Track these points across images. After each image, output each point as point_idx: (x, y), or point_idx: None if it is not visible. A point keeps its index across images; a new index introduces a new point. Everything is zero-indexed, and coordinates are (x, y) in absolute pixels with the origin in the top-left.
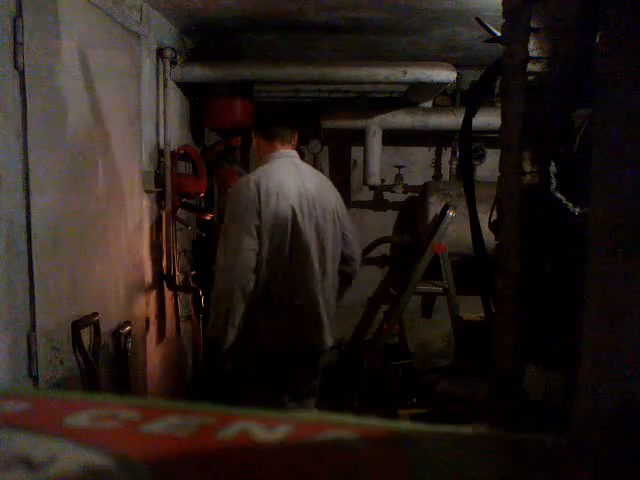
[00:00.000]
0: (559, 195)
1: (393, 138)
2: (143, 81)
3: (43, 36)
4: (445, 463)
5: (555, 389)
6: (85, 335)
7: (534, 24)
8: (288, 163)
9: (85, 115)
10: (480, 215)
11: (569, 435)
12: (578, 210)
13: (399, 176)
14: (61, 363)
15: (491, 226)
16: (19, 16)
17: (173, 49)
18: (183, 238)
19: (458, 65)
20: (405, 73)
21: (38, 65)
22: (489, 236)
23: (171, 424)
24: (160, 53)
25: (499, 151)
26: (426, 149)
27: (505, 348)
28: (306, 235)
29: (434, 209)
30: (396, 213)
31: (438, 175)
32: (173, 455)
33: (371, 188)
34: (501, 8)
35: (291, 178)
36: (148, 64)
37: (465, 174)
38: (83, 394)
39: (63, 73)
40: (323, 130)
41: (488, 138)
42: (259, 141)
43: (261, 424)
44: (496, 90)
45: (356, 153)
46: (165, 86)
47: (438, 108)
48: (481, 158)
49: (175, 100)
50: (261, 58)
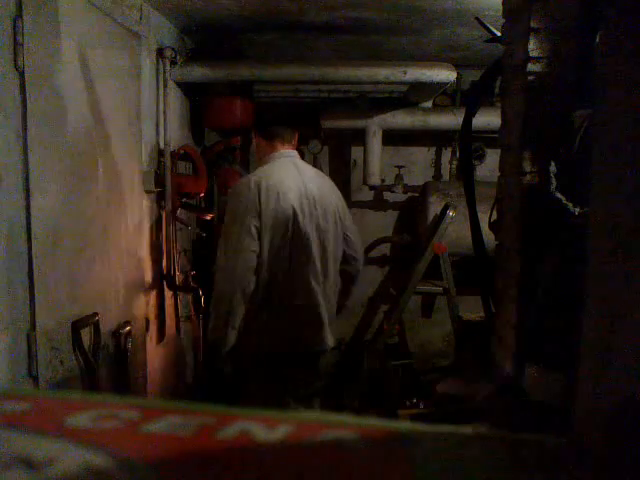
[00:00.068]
0: (559, 195)
1: (393, 138)
2: (143, 81)
3: (43, 36)
4: (445, 463)
5: (555, 389)
6: (85, 335)
7: (534, 24)
8: (289, 163)
9: (85, 115)
10: (480, 215)
11: (569, 435)
12: (578, 210)
13: (399, 176)
14: (61, 363)
15: (491, 226)
16: (19, 16)
17: (173, 49)
18: (183, 238)
19: (458, 65)
20: (405, 73)
21: (38, 65)
22: (489, 236)
23: (171, 424)
24: (160, 53)
25: (499, 151)
26: (426, 149)
27: (505, 348)
28: (307, 235)
29: (434, 209)
30: (396, 213)
31: (438, 175)
32: (173, 455)
33: (371, 188)
34: (501, 8)
35: (292, 178)
36: (148, 64)
37: (465, 174)
38: (83, 394)
39: (63, 73)
40: (323, 130)
41: (488, 138)
42: (259, 141)
43: (261, 424)
44: (496, 90)
45: (356, 153)
46: (165, 86)
47: (438, 108)
48: (481, 158)
49: (175, 100)
50: (261, 58)
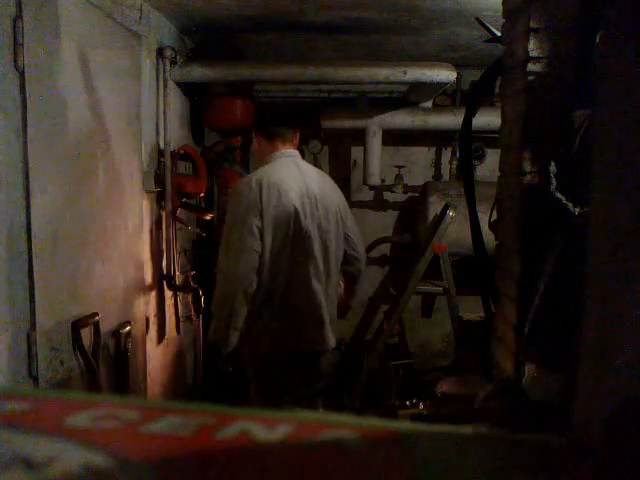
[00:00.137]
0: (559, 195)
1: (393, 138)
2: (143, 81)
3: (43, 36)
4: (445, 463)
5: (555, 389)
6: (85, 335)
7: (534, 24)
8: (290, 163)
9: (85, 115)
10: (480, 215)
11: (569, 435)
12: (578, 210)
13: (399, 176)
14: (61, 363)
15: (491, 226)
16: (19, 16)
17: (173, 49)
18: (183, 238)
19: (458, 65)
20: (405, 73)
21: (38, 65)
22: (489, 236)
23: (171, 424)
24: (160, 53)
25: (499, 151)
26: (426, 149)
27: (505, 348)
28: (309, 235)
29: (434, 209)
30: (396, 213)
31: (438, 175)
32: (173, 455)
33: (371, 188)
34: (501, 8)
35: (293, 178)
36: (148, 64)
37: (465, 174)
38: (83, 394)
39: (63, 73)
40: (323, 130)
41: (488, 138)
42: (260, 141)
43: (261, 424)
44: (496, 90)
45: (356, 153)
46: (165, 86)
47: (438, 108)
48: (481, 158)
49: (175, 100)
50: (261, 58)
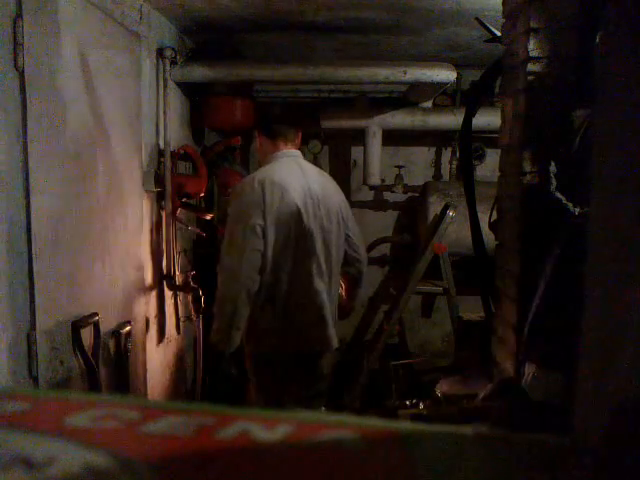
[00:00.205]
0: (559, 195)
1: (393, 138)
2: (143, 81)
3: (43, 36)
4: (445, 463)
5: (555, 389)
6: (85, 335)
7: (534, 24)
8: (292, 163)
9: (85, 115)
10: (480, 215)
11: (569, 435)
12: (578, 210)
13: (399, 176)
14: (61, 363)
15: (491, 226)
16: (19, 16)
17: (173, 49)
18: (183, 238)
19: (458, 65)
20: (405, 73)
21: (38, 65)
22: (489, 236)
23: (171, 424)
24: (160, 53)
25: (499, 151)
26: (426, 149)
27: (505, 348)
28: (311, 235)
29: (434, 209)
30: (396, 213)
31: (438, 175)
32: (173, 455)
33: (371, 188)
34: (501, 8)
35: (295, 178)
36: (148, 64)
37: (465, 174)
38: (83, 394)
39: (63, 73)
40: (323, 130)
41: (488, 138)
42: (262, 140)
43: (261, 424)
44: (496, 90)
45: (356, 153)
46: (165, 86)
47: (438, 108)
48: (481, 158)
49: (175, 100)
50: (261, 58)
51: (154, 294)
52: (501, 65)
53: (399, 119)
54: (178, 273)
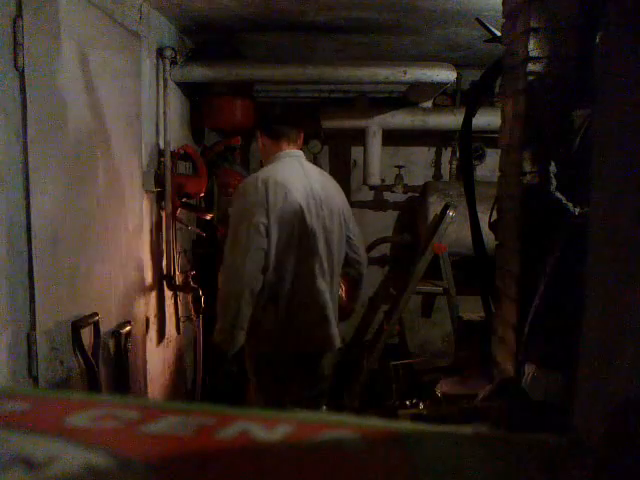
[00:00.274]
0: (559, 195)
1: (393, 138)
2: (143, 81)
3: (43, 36)
4: (445, 463)
5: (555, 389)
6: (85, 335)
7: (534, 24)
8: (294, 163)
9: (85, 115)
10: (480, 215)
11: (569, 435)
12: (578, 210)
13: (399, 176)
14: (61, 363)
15: (491, 226)
16: (19, 16)
17: (173, 49)
18: (183, 238)
19: (458, 65)
20: (405, 73)
21: (38, 65)
22: (489, 236)
23: (171, 424)
24: (160, 53)
25: (499, 151)
26: (426, 149)
27: (505, 348)
28: (314, 235)
29: (434, 209)
30: (396, 213)
31: (438, 175)
32: (173, 455)
33: (371, 188)
34: (501, 8)
35: (298, 178)
36: (148, 64)
37: (465, 174)
38: (83, 394)
39: (63, 73)
40: (323, 130)
41: (488, 138)
42: (265, 140)
43: (261, 424)
44: (496, 90)
45: (356, 153)
46: (165, 86)
47: (438, 108)
48: (481, 158)
49: (175, 100)
50: (261, 58)
51: (154, 294)
52: (501, 65)
53: (399, 119)
54: (178, 273)
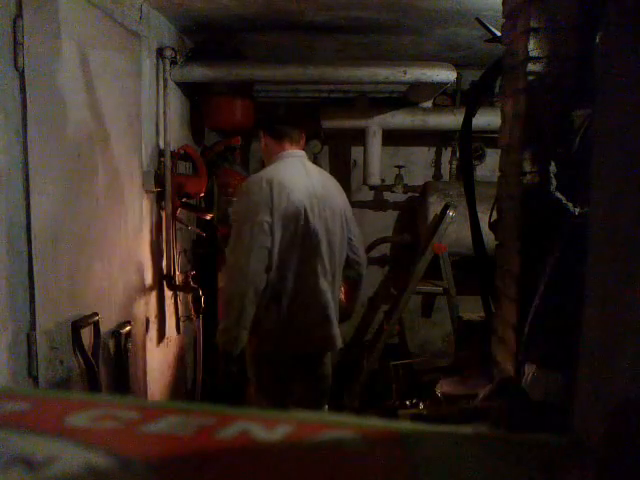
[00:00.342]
0: (559, 195)
1: (393, 138)
2: (143, 81)
3: (43, 36)
4: (445, 463)
5: (555, 389)
6: (85, 335)
7: (534, 24)
8: (297, 163)
9: (85, 115)
10: (480, 215)
11: (569, 435)
12: (578, 210)
13: (399, 176)
14: (61, 363)
15: (491, 226)
16: (19, 16)
17: (173, 49)
18: (183, 238)
19: (458, 65)
20: (405, 73)
21: (38, 65)
22: (489, 236)
23: (171, 424)
24: (160, 53)
25: (499, 151)
26: (426, 149)
27: (505, 348)
28: (317, 235)
29: (434, 209)
30: (396, 213)
31: (438, 175)
32: (173, 455)
33: (371, 188)
34: (501, 8)
35: (301, 178)
36: (148, 64)
37: (465, 174)
38: (83, 394)
39: (63, 73)
40: (323, 130)
41: (488, 138)
42: (268, 141)
43: (261, 424)
44: (496, 90)
45: (356, 153)
46: (165, 86)
47: (438, 108)
48: (481, 158)
49: (175, 100)
50: (261, 58)
51: (154, 294)
52: (501, 65)
53: (399, 119)
54: (178, 273)
